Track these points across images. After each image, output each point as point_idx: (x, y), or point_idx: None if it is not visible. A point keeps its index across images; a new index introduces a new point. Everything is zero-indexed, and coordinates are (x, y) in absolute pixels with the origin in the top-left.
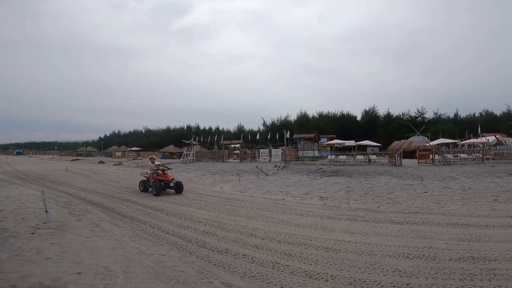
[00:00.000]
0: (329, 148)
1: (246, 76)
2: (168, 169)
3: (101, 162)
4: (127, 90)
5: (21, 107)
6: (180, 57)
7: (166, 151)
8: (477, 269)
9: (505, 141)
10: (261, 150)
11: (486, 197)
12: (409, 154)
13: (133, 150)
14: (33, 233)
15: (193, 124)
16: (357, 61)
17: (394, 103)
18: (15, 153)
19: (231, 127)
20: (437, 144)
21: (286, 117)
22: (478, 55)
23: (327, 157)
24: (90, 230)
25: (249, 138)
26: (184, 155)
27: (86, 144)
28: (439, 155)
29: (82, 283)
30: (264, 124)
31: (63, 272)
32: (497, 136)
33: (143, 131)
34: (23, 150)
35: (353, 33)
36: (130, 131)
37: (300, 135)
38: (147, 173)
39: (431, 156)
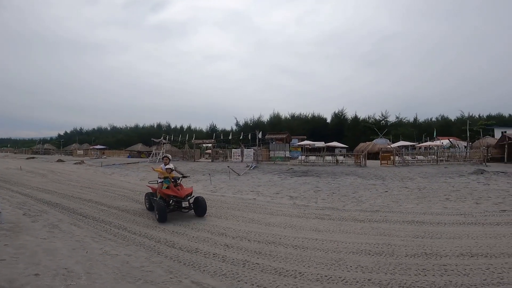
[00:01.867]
0: (300, 149)
1: (221, 76)
2: (184, 176)
3: (60, 160)
4: (92, 86)
5: None
6: (153, 53)
7: (134, 150)
8: (430, 265)
9: (457, 144)
10: (233, 150)
11: (439, 196)
12: (373, 155)
13: (97, 149)
14: None
15: (163, 122)
16: (331, 65)
17: (361, 107)
18: None
19: (203, 126)
20: (398, 146)
21: (259, 117)
22: (445, 67)
23: (297, 158)
24: (48, 231)
25: (222, 137)
26: (153, 154)
27: (43, 141)
28: (399, 156)
29: (40, 284)
30: (237, 124)
31: (19, 274)
32: (450, 139)
33: (109, 128)
34: None
35: (329, 38)
36: (93, 129)
37: (272, 136)
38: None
39: (392, 157)
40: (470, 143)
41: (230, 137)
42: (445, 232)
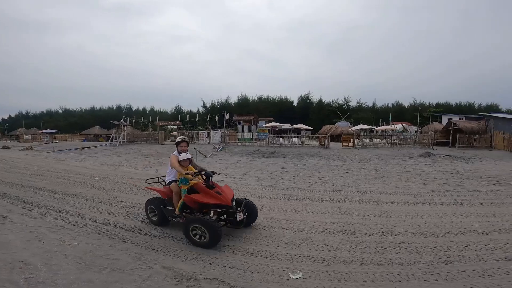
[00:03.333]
0: (267, 131)
1: (188, 58)
2: (214, 173)
3: (5, 147)
4: (41, 67)
5: None
6: (112, 33)
7: (90, 133)
8: (387, 243)
9: (409, 129)
10: (200, 131)
11: (392, 177)
12: (336, 138)
13: (47, 133)
14: None
15: (124, 104)
16: (299, 51)
17: (326, 92)
18: None
19: (168, 108)
20: (358, 129)
21: (227, 99)
22: (398, 54)
23: (265, 139)
24: None
25: (188, 119)
26: (113, 138)
27: None
28: (358, 139)
29: None
30: (204, 106)
31: None
32: (403, 124)
33: (60, 111)
34: None
35: (299, 24)
36: (42, 112)
37: (240, 118)
38: (164, 181)
39: (352, 140)
40: (420, 128)
41: (196, 119)
42: (398, 211)
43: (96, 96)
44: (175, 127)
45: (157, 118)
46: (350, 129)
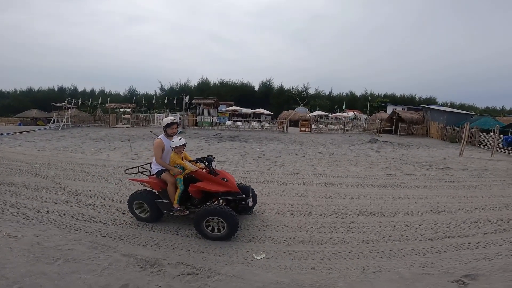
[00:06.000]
0: (227, 115)
1: (145, 39)
2: (214, 159)
3: None
4: None
5: None
6: (54, 11)
7: (27, 116)
8: (339, 223)
9: (359, 117)
10: (156, 114)
11: (343, 161)
12: (295, 123)
13: None
14: None
15: (68, 85)
16: (263, 37)
17: (287, 78)
18: None
19: (121, 90)
20: (315, 115)
21: (186, 82)
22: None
23: (225, 123)
24: None
25: (143, 102)
26: (54, 121)
27: None
28: (315, 125)
29: None
30: (162, 89)
31: None
32: (355, 112)
33: None
34: None
35: (265, 10)
36: None
37: (200, 101)
38: (146, 170)
39: (309, 125)
40: (369, 116)
41: (153, 102)
42: (348, 193)
43: (34, 76)
44: (128, 110)
45: (108, 100)
46: (307, 115)
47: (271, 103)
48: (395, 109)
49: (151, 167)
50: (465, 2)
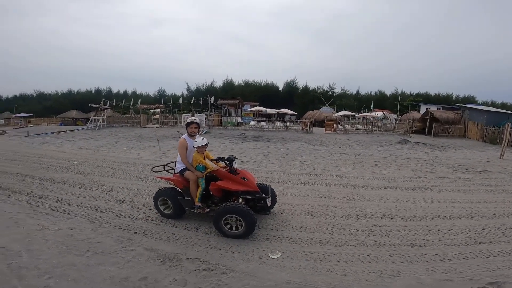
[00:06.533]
0: (252, 115)
1: (169, 41)
2: (235, 158)
3: None
4: (11, 51)
5: None
6: (86, 15)
7: (67, 117)
8: (360, 225)
9: (389, 116)
10: (183, 115)
11: (370, 162)
12: (320, 123)
13: (21, 117)
14: None
15: (103, 87)
16: (286, 36)
17: (312, 78)
18: None
19: (151, 91)
20: (341, 115)
21: (212, 83)
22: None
23: (249, 123)
24: None
25: (171, 102)
26: (92, 121)
27: None
28: (341, 125)
29: None
30: (188, 89)
31: None
32: (384, 111)
33: (34, 95)
34: None
35: (286, 9)
36: (15, 95)
37: (225, 101)
38: (171, 168)
39: (335, 125)
40: (399, 116)
41: (180, 102)
42: (373, 195)
43: (73, 79)
44: (157, 110)
45: (139, 101)
46: (333, 115)
47: (295, 103)
48: (429, 108)
49: (175, 166)
50: None
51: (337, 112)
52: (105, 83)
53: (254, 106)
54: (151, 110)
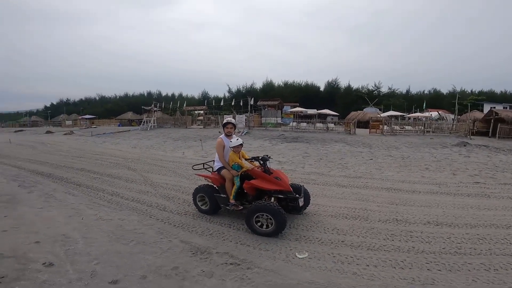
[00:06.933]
0: (292, 116)
1: (210, 44)
2: (269, 158)
3: (49, 132)
4: (75, 58)
5: None
6: (137, 22)
7: (124, 118)
8: (398, 231)
9: (445, 117)
10: (225, 116)
11: (419, 166)
12: (363, 124)
13: (86, 118)
14: None
15: (154, 90)
16: (322, 36)
17: (355, 77)
18: None
19: (195, 93)
20: (388, 116)
21: (252, 84)
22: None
23: (289, 124)
24: (44, 201)
25: (214, 104)
26: (144, 122)
27: (30, 113)
28: (387, 126)
29: (41, 250)
30: (230, 91)
31: (21, 243)
32: (439, 112)
33: (97, 98)
34: None
35: (323, 9)
36: (81, 99)
37: (265, 102)
38: (210, 167)
39: (381, 126)
40: (458, 116)
41: (222, 104)
42: (418, 200)
43: (128, 83)
44: (201, 112)
45: (185, 103)
46: (379, 115)
47: (337, 103)
48: (494, 107)
49: (214, 164)
50: None
51: (383, 112)
52: (155, 86)
53: (294, 107)
54: (196, 112)
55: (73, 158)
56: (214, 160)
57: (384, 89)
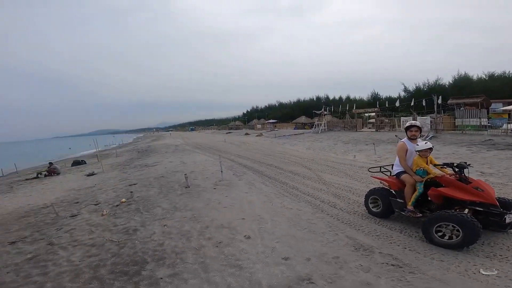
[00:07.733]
0: (506, 116)
1: (372, 43)
2: (468, 165)
3: (246, 134)
4: (258, 70)
5: (185, 93)
6: (294, 32)
7: (298, 122)
8: None
9: None
10: (402, 118)
11: None
12: None
13: (270, 122)
14: (215, 188)
15: (322, 95)
16: None
17: None
18: (189, 129)
19: (364, 95)
20: None
21: (437, 80)
22: None
23: (501, 127)
24: (248, 188)
25: (387, 105)
26: (315, 125)
27: (234, 119)
28: None
29: (244, 225)
30: (406, 90)
31: (233, 218)
32: None
33: (276, 104)
34: (195, 127)
35: None
36: (266, 105)
37: (459, 100)
38: (387, 171)
39: None
40: None
41: (397, 104)
42: None
43: (299, 89)
44: (372, 114)
45: (354, 105)
46: None
47: None
48: None
49: (392, 168)
50: None
51: None
52: (322, 91)
53: (510, 104)
54: (366, 114)
55: (264, 156)
56: (393, 164)
57: None
